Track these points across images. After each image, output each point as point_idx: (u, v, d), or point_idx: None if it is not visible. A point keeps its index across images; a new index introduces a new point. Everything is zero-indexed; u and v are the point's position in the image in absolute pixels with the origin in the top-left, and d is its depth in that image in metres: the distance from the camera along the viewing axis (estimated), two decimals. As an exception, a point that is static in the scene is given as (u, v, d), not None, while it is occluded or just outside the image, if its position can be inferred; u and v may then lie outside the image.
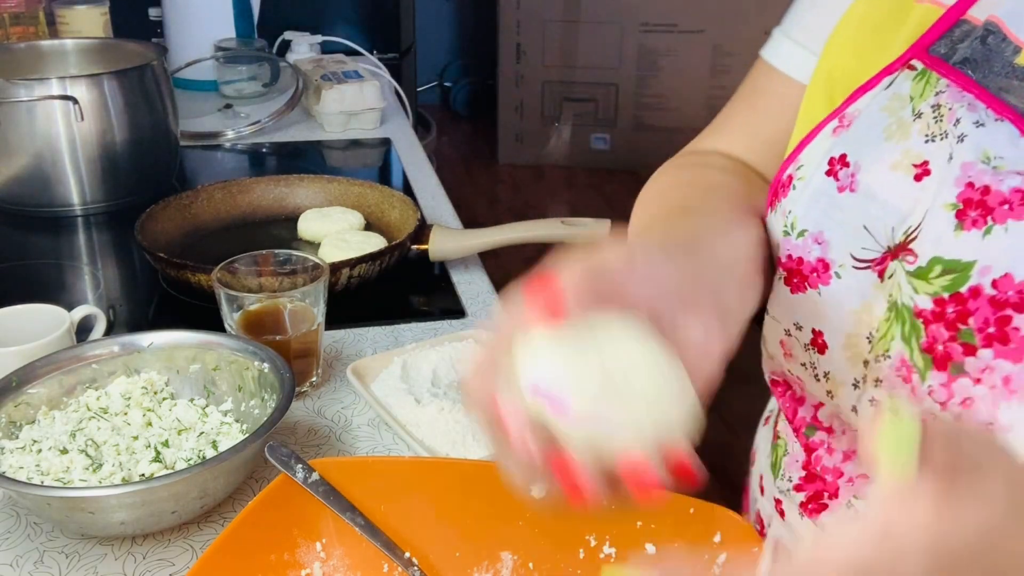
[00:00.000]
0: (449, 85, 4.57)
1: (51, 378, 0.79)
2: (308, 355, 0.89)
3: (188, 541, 0.72)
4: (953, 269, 0.52)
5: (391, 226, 1.20)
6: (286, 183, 1.28)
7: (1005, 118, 0.52)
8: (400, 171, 1.53)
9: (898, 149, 0.56)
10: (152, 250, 1.06)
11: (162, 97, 1.39)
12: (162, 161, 1.43)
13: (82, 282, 1.18)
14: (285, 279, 0.94)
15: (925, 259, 0.53)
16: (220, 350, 0.83)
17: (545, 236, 1.11)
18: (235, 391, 0.82)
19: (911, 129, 0.56)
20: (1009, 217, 0.50)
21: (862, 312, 0.58)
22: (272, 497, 0.64)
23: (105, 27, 1.76)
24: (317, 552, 0.65)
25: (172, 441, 0.75)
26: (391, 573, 0.64)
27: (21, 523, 0.73)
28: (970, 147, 0.52)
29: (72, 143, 1.29)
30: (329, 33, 1.99)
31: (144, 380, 0.81)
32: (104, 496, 0.67)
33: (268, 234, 1.23)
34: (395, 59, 2.35)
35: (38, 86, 1.26)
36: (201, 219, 1.22)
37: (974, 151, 0.52)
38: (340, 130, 1.68)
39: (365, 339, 1.00)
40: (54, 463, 0.72)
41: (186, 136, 1.56)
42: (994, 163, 0.51)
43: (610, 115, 3.89)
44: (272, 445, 0.69)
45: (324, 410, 0.88)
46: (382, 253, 1.06)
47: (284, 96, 1.75)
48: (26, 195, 1.32)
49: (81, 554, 0.70)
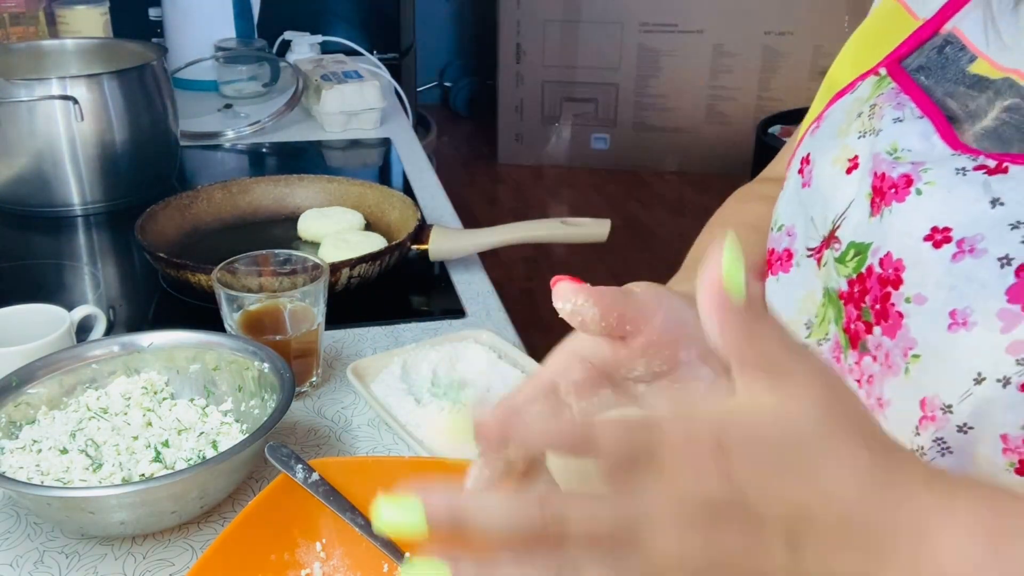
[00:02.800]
0: (449, 85, 4.57)
1: (51, 378, 0.79)
2: (308, 355, 0.89)
3: (188, 541, 0.72)
4: (859, 251, 0.56)
5: (391, 226, 1.20)
6: (286, 183, 1.28)
7: (927, 116, 0.56)
8: (400, 171, 1.53)
9: (839, 145, 0.61)
10: (152, 250, 1.06)
11: (162, 97, 1.39)
12: (162, 161, 1.43)
13: (82, 282, 1.18)
14: (285, 279, 0.94)
15: (844, 244, 0.58)
16: (220, 350, 0.83)
17: (545, 236, 1.11)
18: (235, 391, 0.82)
19: (851, 127, 0.60)
20: (894, 200, 0.54)
21: (806, 299, 0.62)
22: (272, 497, 0.65)
23: (105, 27, 1.76)
24: (317, 552, 0.65)
25: (172, 441, 0.75)
26: (391, 573, 0.64)
27: (21, 523, 0.73)
28: (883, 140, 0.57)
29: (72, 143, 1.29)
30: (329, 33, 1.99)
31: (144, 380, 0.81)
32: (104, 496, 0.67)
33: (268, 234, 1.23)
34: (395, 59, 2.35)
35: (38, 86, 1.26)
36: (201, 219, 1.22)
37: (886, 143, 0.57)
38: (340, 130, 1.68)
39: (365, 339, 1.00)
40: (54, 463, 0.72)
41: (186, 136, 1.56)
42: (898, 155, 0.56)
43: (610, 115, 3.89)
44: (272, 445, 0.69)
45: (324, 410, 0.88)
46: (382, 253, 1.06)
47: (284, 96, 1.75)
48: (26, 195, 1.32)
49: (81, 554, 0.70)
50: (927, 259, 0.51)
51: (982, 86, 0.56)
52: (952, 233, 0.51)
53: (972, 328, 0.49)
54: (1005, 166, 0.51)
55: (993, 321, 0.48)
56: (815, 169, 0.62)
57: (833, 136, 0.62)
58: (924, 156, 0.55)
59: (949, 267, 0.50)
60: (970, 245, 0.50)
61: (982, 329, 0.48)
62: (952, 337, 0.50)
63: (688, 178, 3.77)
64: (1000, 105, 0.55)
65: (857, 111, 0.61)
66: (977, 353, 0.49)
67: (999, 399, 0.48)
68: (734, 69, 3.72)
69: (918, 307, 0.52)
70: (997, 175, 0.51)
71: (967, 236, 0.50)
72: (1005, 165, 0.51)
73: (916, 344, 0.52)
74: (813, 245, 0.62)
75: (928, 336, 0.51)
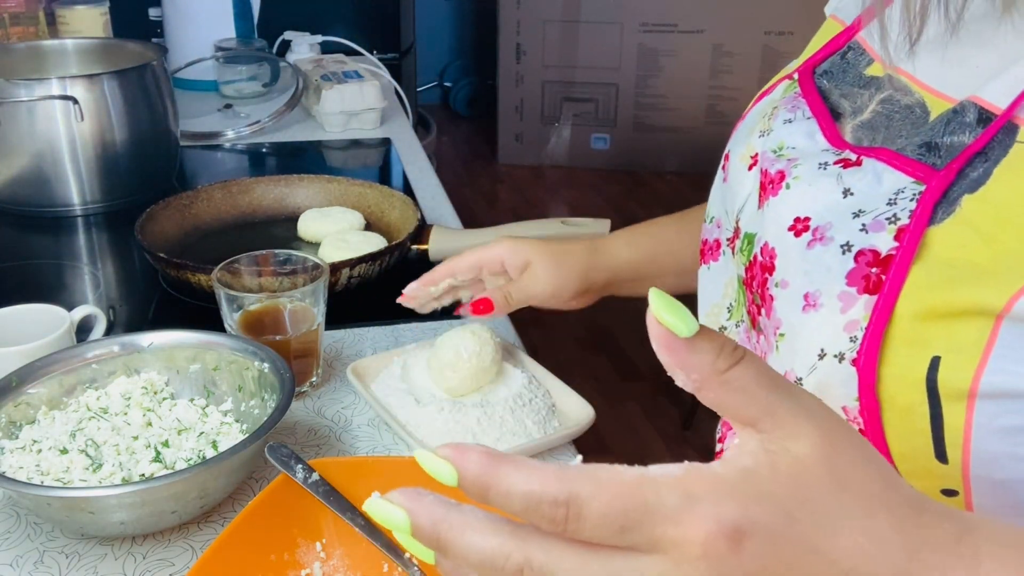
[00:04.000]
0: (449, 85, 4.57)
1: (51, 378, 0.79)
2: (308, 355, 0.89)
3: (188, 541, 0.72)
4: (749, 241, 0.62)
5: (391, 226, 1.20)
6: (286, 183, 1.28)
7: (815, 117, 0.61)
8: (400, 171, 1.53)
9: (745, 143, 0.66)
10: (152, 250, 1.06)
11: (162, 97, 1.39)
12: (162, 161, 1.43)
13: (82, 282, 1.18)
14: (285, 279, 0.94)
15: (742, 234, 0.63)
16: (220, 350, 0.83)
17: (545, 236, 1.11)
18: (235, 391, 0.82)
19: (757, 126, 0.65)
20: (770, 194, 0.59)
21: (728, 285, 0.67)
22: (272, 497, 0.64)
23: (105, 27, 1.76)
24: (317, 552, 0.65)
25: (172, 441, 0.75)
26: (391, 573, 0.64)
27: (21, 523, 0.73)
28: (772, 139, 0.62)
29: (72, 143, 1.29)
30: (329, 33, 1.99)
31: (144, 380, 0.81)
32: (104, 496, 0.67)
33: (268, 234, 1.23)
34: (395, 59, 2.35)
35: (38, 86, 1.26)
36: (201, 219, 1.22)
37: (773, 143, 0.62)
38: (340, 130, 1.68)
39: (365, 339, 1.00)
40: (54, 463, 0.72)
41: (186, 136, 1.56)
42: (782, 152, 0.61)
43: (610, 115, 3.89)
44: (272, 445, 0.69)
45: (324, 410, 0.88)
46: (382, 253, 1.06)
47: (284, 96, 1.75)
48: (26, 195, 1.32)
49: (81, 554, 0.70)
50: (790, 247, 0.56)
51: (869, 84, 0.61)
52: (810, 223, 0.55)
53: (820, 309, 0.53)
54: (860, 159, 0.55)
55: (835, 303, 0.52)
56: (730, 165, 0.67)
57: (746, 135, 0.67)
58: (802, 153, 0.59)
59: (805, 254, 0.55)
60: (821, 233, 0.54)
61: (826, 310, 0.52)
62: (804, 317, 0.54)
63: (688, 178, 3.77)
64: (878, 97, 0.59)
65: (764, 112, 0.66)
66: (821, 332, 0.53)
67: (836, 373, 0.51)
68: (734, 69, 3.72)
69: (783, 291, 0.56)
70: (852, 168, 0.56)
71: (820, 225, 0.54)
72: (861, 158, 0.55)
73: (782, 324, 0.56)
74: (728, 236, 0.67)
75: (789, 317, 0.55)
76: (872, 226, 0.52)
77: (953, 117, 0.53)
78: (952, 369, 0.47)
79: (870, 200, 0.53)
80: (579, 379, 0.91)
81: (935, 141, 0.53)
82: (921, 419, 0.49)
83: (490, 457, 0.35)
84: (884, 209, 0.52)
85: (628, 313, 0.94)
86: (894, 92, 0.58)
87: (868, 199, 0.53)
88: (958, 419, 0.48)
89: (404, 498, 0.36)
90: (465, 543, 0.35)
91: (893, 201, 0.52)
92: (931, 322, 0.48)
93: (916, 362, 0.48)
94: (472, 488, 0.35)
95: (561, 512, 0.34)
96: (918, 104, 0.56)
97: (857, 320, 0.51)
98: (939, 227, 0.49)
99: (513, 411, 0.82)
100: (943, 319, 0.48)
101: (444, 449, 0.35)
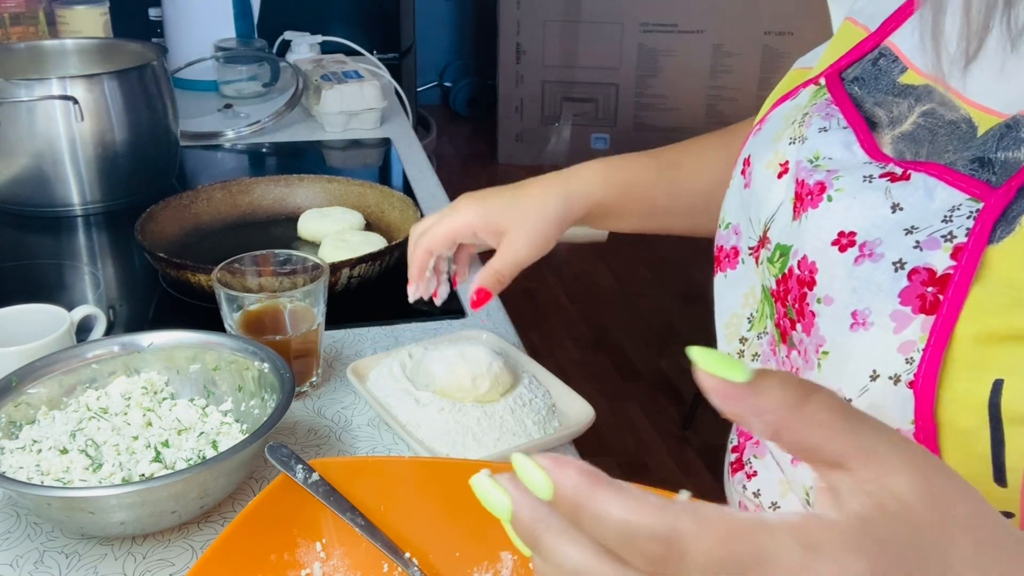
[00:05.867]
0: (449, 85, 4.57)
1: (51, 378, 0.79)
2: (308, 355, 0.89)
3: (188, 541, 0.72)
4: (783, 253, 0.60)
5: (391, 226, 1.20)
6: (286, 183, 1.28)
7: (851, 127, 0.59)
8: (400, 171, 1.53)
9: (772, 150, 0.63)
10: (152, 250, 1.06)
11: (162, 97, 1.39)
12: (162, 161, 1.43)
13: (82, 282, 1.18)
14: (285, 279, 0.94)
15: (773, 245, 0.61)
16: (220, 350, 0.83)
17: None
18: (235, 391, 0.82)
19: (785, 133, 0.63)
20: (809, 205, 0.57)
21: (748, 295, 0.66)
22: (272, 497, 0.64)
23: (105, 27, 1.76)
24: (317, 552, 0.65)
25: (172, 441, 0.75)
26: (391, 573, 0.64)
27: (21, 523, 0.73)
28: (807, 148, 0.60)
29: (72, 143, 1.29)
30: (329, 33, 1.99)
31: (144, 380, 0.81)
32: (104, 496, 0.67)
33: (268, 234, 1.23)
34: (395, 59, 2.35)
35: (38, 86, 1.26)
36: (201, 219, 1.22)
37: (809, 152, 0.60)
38: (340, 130, 1.68)
39: (365, 339, 1.00)
40: (54, 463, 0.72)
41: (186, 136, 1.56)
42: (819, 163, 0.58)
43: (610, 115, 3.89)
44: (272, 445, 0.69)
45: (324, 410, 0.88)
46: (382, 253, 1.06)
47: (284, 96, 1.75)
48: (26, 195, 1.32)
49: (81, 554, 0.70)
50: (834, 262, 0.54)
51: (906, 93, 0.59)
52: (856, 237, 0.53)
53: (870, 328, 0.51)
54: (908, 173, 0.53)
55: (887, 322, 0.50)
56: (753, 171, 0.65)
57: (770, 140, 0.64)
58: (842, 164, 0.57)
59: (852, 270, 0.53)
60: (870, 249, 0.52)
61: (878, 329, 0.51)
62: (853, 336, 0.52)
63: (688, 178, 3.76)
64: (919, 110, 0.57)
65: (792, 118, 0.64)
66: (873, 352, 0.51)
67: (891, 395, 0.50)
68: (734, 69, 3.73)
69: (827, 307, 0.54)
70: (900, 182, 0.53)
71: (868, 240, 0.53)
72: (908, 172, 0.53)
73: (825, 342, 0.55)
74: (752, 244, 0.65)
75: (835, 335, 0.54)
76: (927, 243, 0.50)
77: (1006, 132, 0.51)
78: (1016, 392, 0.46)
79: (922, 216, 0.51)
80: (579, 379, 0.91)
81: (988, 157, 0.51)
82: (981, 443, 0.47)
83: (589, 476, 0.33)
84: (939, 226, 0.50)
85: (628, 313, 0.94)
86: (937, 106, 0.56)
87: (920, 215, 0.51)
88: (1022, 443, 0.46)
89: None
90: (561, 552, 0.33)
91: (948, 218, 0.50)
92: (993, 344, 0.47)
93: (978, 385, 0.47)
94: (565, 506, 0.33)
95: (660, 550, 0.31)
96: (964, 120, 0.54)
97: (913, 341, 0.49)
98: (998, 246, 0.48)
99: (513, 411, 0.82)
100: (1005, 341, 0.46)
101: (544, 459, 0.33)
